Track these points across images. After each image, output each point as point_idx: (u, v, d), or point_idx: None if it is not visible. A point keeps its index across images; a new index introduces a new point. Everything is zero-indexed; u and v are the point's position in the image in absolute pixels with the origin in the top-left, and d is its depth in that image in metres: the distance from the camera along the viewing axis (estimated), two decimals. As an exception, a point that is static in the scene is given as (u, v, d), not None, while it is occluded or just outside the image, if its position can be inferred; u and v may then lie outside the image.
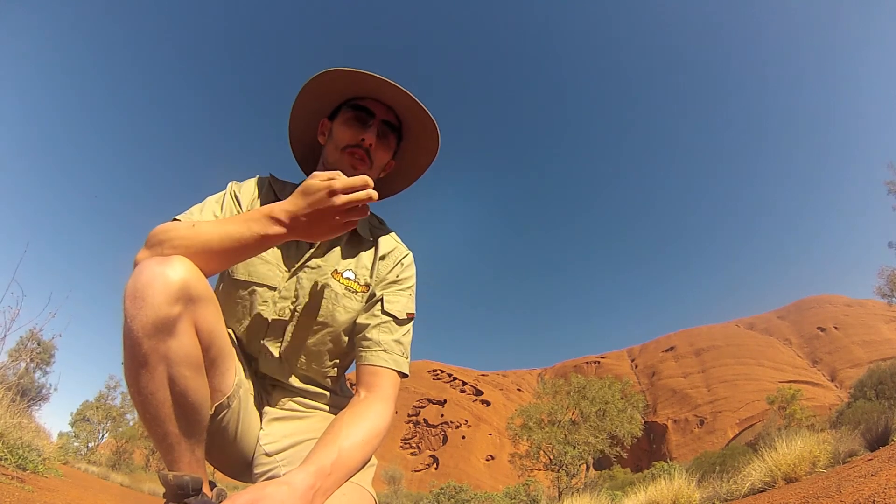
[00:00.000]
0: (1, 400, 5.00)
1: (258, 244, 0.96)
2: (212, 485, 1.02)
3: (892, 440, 5.14)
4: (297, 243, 1.16)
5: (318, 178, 0.95)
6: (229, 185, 1.19)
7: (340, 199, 0.93)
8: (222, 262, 0.96)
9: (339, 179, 0.94)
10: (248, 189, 1.19)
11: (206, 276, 0.95)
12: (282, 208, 0.96)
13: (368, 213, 1.06)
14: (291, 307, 1.12)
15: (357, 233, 1.20)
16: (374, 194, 0.95)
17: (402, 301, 1.16)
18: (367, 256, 1.20)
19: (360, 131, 1.14)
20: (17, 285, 4.37)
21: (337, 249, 1.17)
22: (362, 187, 0.94)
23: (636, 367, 64.43)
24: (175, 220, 1.03)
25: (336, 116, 1.19)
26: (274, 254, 1.13)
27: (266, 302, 1.11)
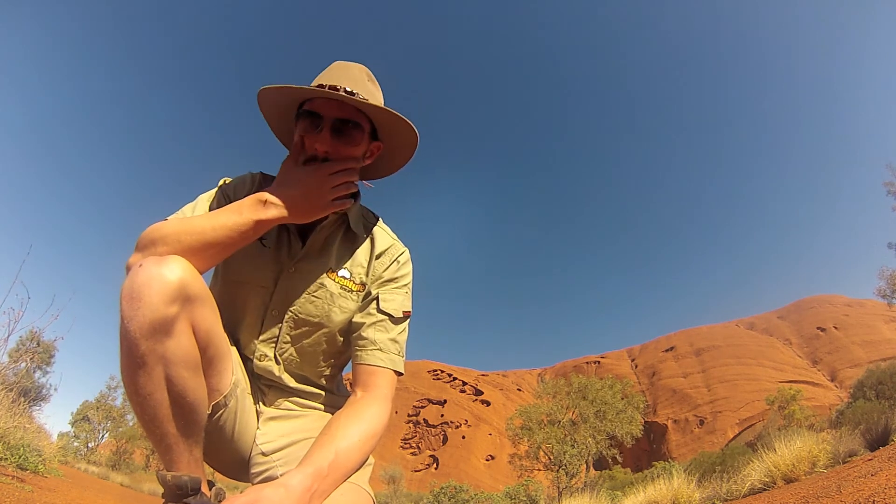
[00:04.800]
0: (1, 401, 5.00)
1: (253, 230, 0.98)
2: (210, 484, 1.02)
3: (892, 440, 5.14)
4: (289, 243, 1.15)
5: (290, 159, 1.07)
6: (220, 181, 1.19)
7: (329, 178, 1.03)
8: (218, 253, 0.96)
9: (326, 165, 1.04)
10: (240, 186, 1.18)
11: (203, 271, 0.95)
12: (272, 191, 1.00)
13: (357, 184, 1.09)
14: (285, 308, 1.12)
15: (352, 230, 1.18)
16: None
17: (398, 299, 1.15)
18: (362, 254, 1.18)
19: (312, 139, 1.06)
20: (23, 287, 4.36)
21: (332, 248, 1.16)
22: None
23: (636, 367, 64.42)
24: (166, 220, 1.03)
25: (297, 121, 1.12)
26: (267, 253, 1.13)
27: (259, 302, 1.12)
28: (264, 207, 0.98)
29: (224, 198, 1.14)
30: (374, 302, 1.13)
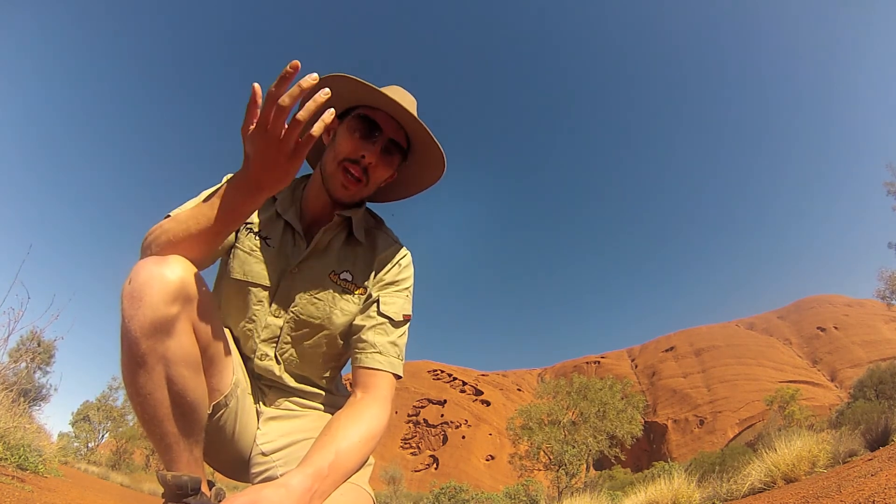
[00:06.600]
0: (1, 401, 5.00)
1: (232, 213, 0.89)
2: (210, 484, 1.02)
3: (892, 440, 5.14)
4: (294, 243, 1.15)
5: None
6: (224, 178, 1.16)
7: (260, 113, 0.78)
8: (209, 244, 0.92)
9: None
10: None
11: (201, 265, 0.94)
12: (239, 170, 0.89)
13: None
14: (287, 308, 1.12)
15: (353, 234, 1.18)
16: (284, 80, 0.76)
17: (398, 302, 1.14)
18: (364, 257, 1.18)
19: (363, 146, 1.06)
20: (23, 287, 4.35)
21: (335, 249, 1.16)
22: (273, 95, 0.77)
23: (636, 367, 64.39)
24: (168, 216, 1.03)
25: (344, 120, 1.11)
26: (271, 253, 1.13)
27: (261, 302, 1.11)
28: (235, 190, 0.88)
29: None
30: (375, 305, 1.13)
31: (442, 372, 65.03)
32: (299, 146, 0.83)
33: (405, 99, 1.11)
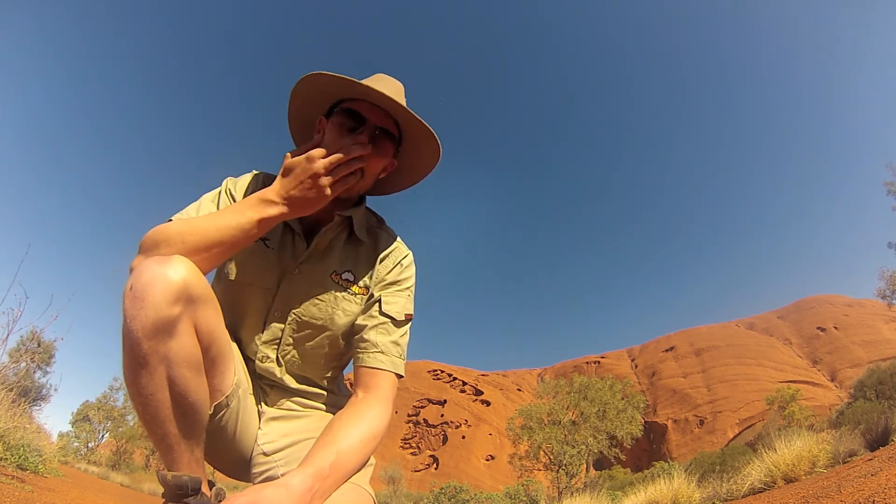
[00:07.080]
0: (1, 401, 5.00)
1: (256, 228, 0.97)
2: (211, 484, 1.02)
3: (892, 440, 5.14)
4: (293, 244, 1.14)
5: (294, 154, 1.01)
6: (224, 181, 1.18)
7: (320, 162, 0.97)
8: (223, 253, 0.96)
9: (317, 150, 1.00)
10: (243, 185, 1.17)
11: (207, 272, 0.95)
12: (272, 189, 0.99)
13: (360, 175, 1.06)
14: (288, 310, 1.11)
15: (355, 234, 1.18)
16: (355, 152, 1.00)
17: (400, 302, 1.14)
18: (365, 257, 1.18)
19: (349, 140, 1.05)
20: (20, 287, 4.36)
21: (336, 250, 1.16)
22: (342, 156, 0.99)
23: (636, 367, 64.42)
24: (170, 220, 1.03)
25: (331, 116, 1.12)
26: (271, 255, 1.12)
27: (262, 303, 1.11)
28: (265, 205, 0.97)
29: (228, 197, 1.14)
30: (377, 304, 1.12)
31: (442, 372, 65.04)
32: (336, 188, 1.01)
33: (388, 86, 1.10)
